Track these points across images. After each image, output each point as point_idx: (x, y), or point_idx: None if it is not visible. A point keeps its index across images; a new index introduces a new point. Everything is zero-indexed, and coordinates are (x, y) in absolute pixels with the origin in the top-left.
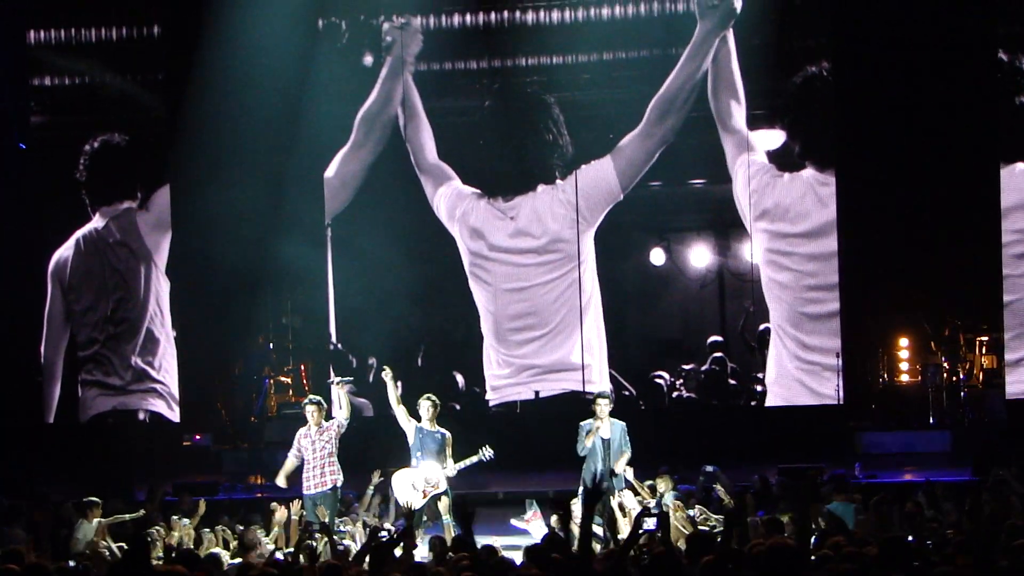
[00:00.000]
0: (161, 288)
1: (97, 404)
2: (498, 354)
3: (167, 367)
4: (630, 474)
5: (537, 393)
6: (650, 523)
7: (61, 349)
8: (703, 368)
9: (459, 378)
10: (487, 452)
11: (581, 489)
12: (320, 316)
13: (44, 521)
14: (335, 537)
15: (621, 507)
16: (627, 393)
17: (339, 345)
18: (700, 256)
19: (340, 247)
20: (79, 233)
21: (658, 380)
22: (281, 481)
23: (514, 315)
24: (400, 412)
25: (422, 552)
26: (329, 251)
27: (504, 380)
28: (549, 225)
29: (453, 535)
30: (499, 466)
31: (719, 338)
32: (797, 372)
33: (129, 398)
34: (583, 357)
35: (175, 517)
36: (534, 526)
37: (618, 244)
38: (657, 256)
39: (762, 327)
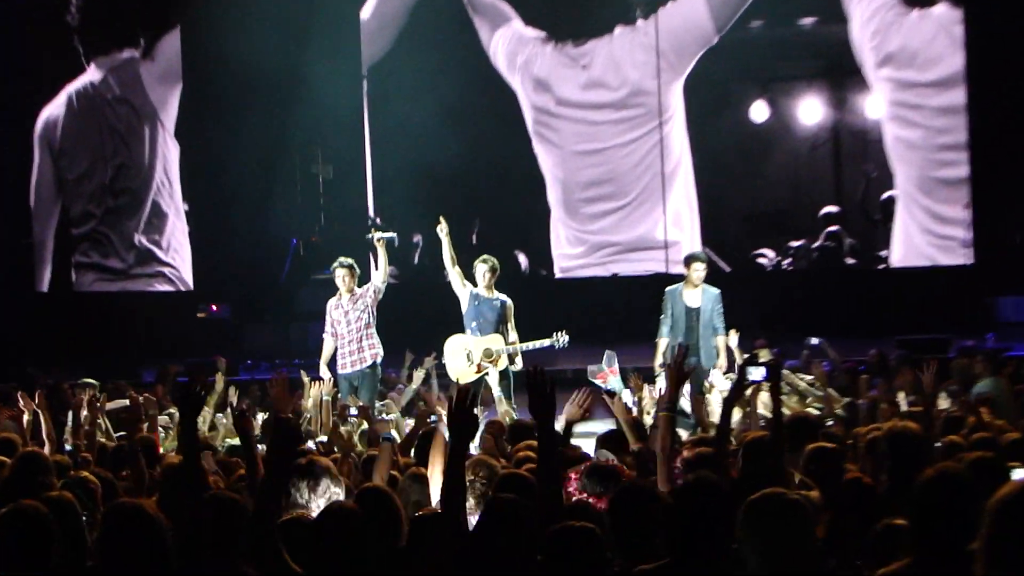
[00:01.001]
0: (169, 152)
1: (94, 290)
2: (568, 230)
3: (177, 246)
4: (732, 342)
5: (615, 275)
6: (757, 373)
7: (51, 226)
8: (815, 245)
9: (522, 258)
10: (562, 338)
11: (659, 363)
12: (355, 173)
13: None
14: (381, 419)
15: (710, 388)
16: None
17: (377, 219)
18: (811, 111)
19: (378, 103)
20: (71, 88)
21: (761, 260)
22: (324, 371)
23: (587, 183)
24: (455, 275)
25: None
26: (366, 107)
27: (576, 260)
28: (628, 74)
29: (513, 418)
30: (571, 339)
31: (834, 209)
32: (928, 247)
33: (132, 283)
34: (668, 233)
35: None
36: (612, 382)
37: (711, 97)
38: (759, 111)
39: (886, 195)
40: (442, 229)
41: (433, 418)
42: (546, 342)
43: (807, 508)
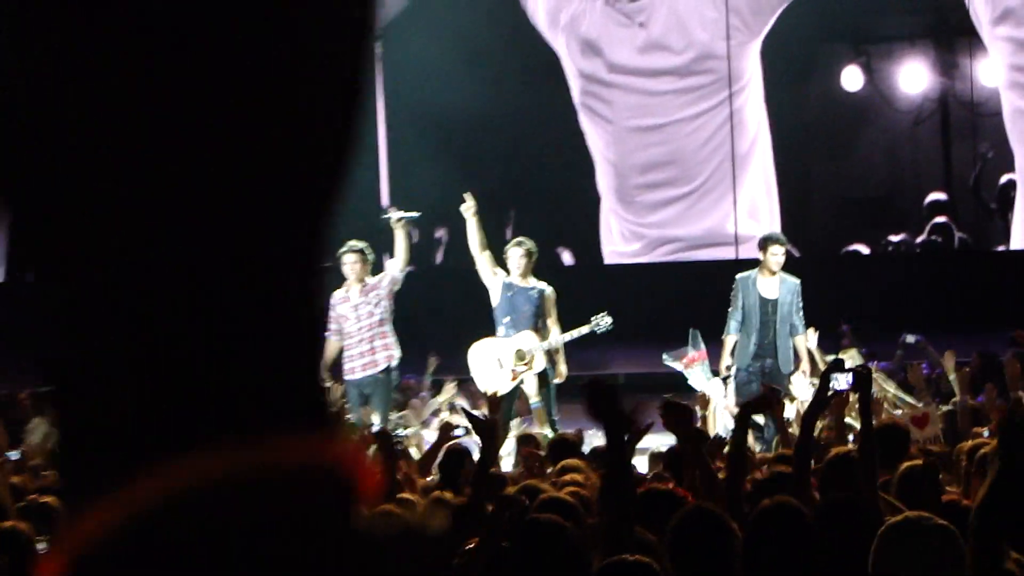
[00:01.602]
0: None
1: None
2: (622, 222)
3: None
4: (811, 342)
5: None
6: (842, 380)
7: None
8: (919, 240)
9: (565, 256)
10: (603, 321)
11: (726, 365)
12: (364, 145)
13: None
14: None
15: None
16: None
17: (390, 212)
18: (914, 77)
19: (393, 67)
20: None
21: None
22: (324, 374)
23: (645, 165)
24: (484, 261)
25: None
26: (379, 73)
27: (631, 258)
28: (695, 35)
29: (552, 432)
30: (618, 338)
31: (941, 196)
32: None
33: None
34: (741, 226)
35: None
36: (695, 373)
37: (795, 61)
38: (852, 78)
39: (1004, 179)
40: (468, 207)
41: (459, 431)
42: (584, 329)
43: (957, 537)
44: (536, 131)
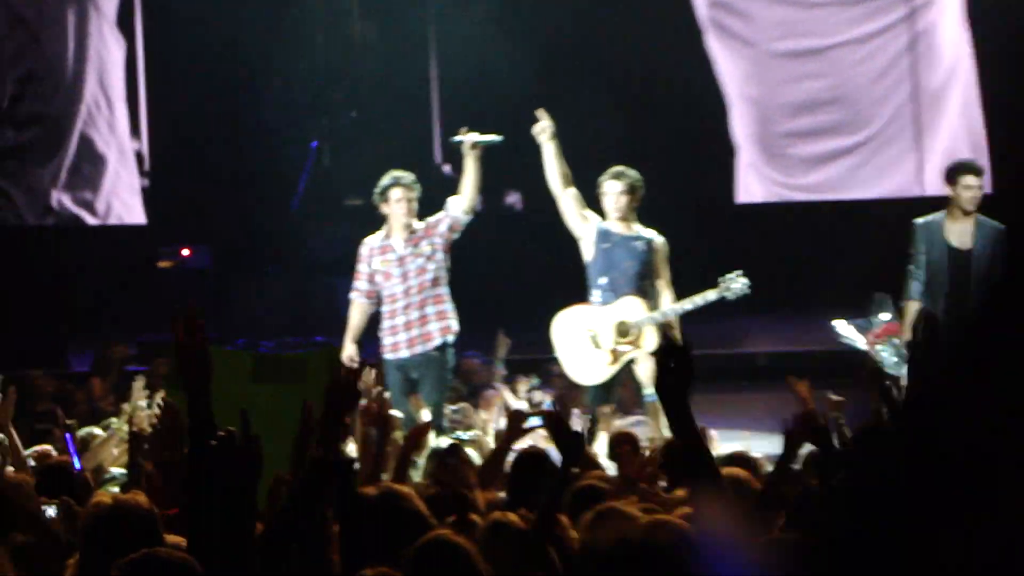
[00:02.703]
0: (110, 52)
1: None
2: (766, 182)
3: (124, 203)
4: None
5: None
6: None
7: None
8: None
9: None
10: (735, 283)
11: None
12: (413, 41)
13: None
14: (455, 438)
15: None
16: None
17: (462, 134)
18: None
19: None
20: None
21: None
22: (351, 351)
23: (798, 106)
24: (569, 201)
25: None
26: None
27: None
28: None
29: (663, 433)
30: (754, 306)
31: None
32: None
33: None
34: (932, 186)
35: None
36: (885, 354)
37: None
38: None
39: None
40: (543, 129)
41: (534, 420)
42: (711, 295)
43: None
44: (648, 59)
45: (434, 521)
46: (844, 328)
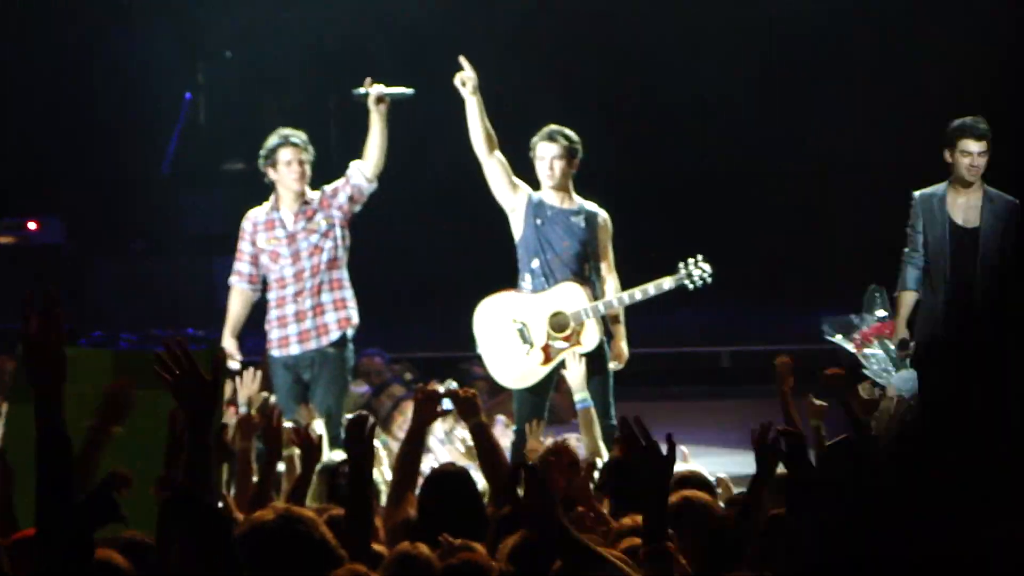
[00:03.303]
0: None
1: None
2: None
3: None
4: None
5: None
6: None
7: None
8: None
9: None
10: (696, 269)
11: (901, 335)
12: None
13: None
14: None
15: None
16: None
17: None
18: None
19: None
20: None
21: None
22: (230, 346)
23: None
24: (494, 166)
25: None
26: None
27: None
28: None
29: (600, 446)
30: (717, 297)
31: None
32: None
33: None
34: None
35: None
36: (874, 357)
37: None
38: None
39: None
40: (466, 80)
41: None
42: (667, 282)
43: None
44: None
45: (342, 552)
46: (827, 328)
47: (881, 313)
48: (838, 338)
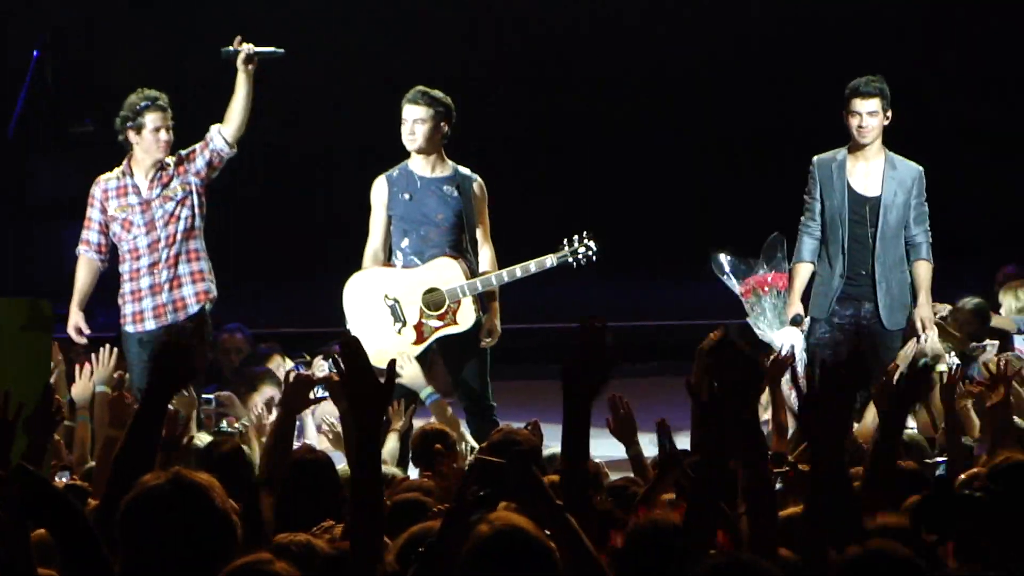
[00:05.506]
0: None
1: None
2: None
3: None
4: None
5: None
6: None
7: None
8: None
9: None
10: (582, 247)
11: (795, 312)
12: None
13: None
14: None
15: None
16: None
17: (238, 45)
18: None
19: None
20: None
21: None
22: (76, 318)
23: None
24: None
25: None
26: None
27: None
28: None
29: (478, 432)
30: (606, 269)
31: None
32: None
33: None
34: None
35: None
36: (764, 310)
37: None
38: None
39: None
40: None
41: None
42: (549, 260)
43: None
44: None
45: (236, 519)
46: (719, 264)
47: (782, 266)
48: (726, 277)
